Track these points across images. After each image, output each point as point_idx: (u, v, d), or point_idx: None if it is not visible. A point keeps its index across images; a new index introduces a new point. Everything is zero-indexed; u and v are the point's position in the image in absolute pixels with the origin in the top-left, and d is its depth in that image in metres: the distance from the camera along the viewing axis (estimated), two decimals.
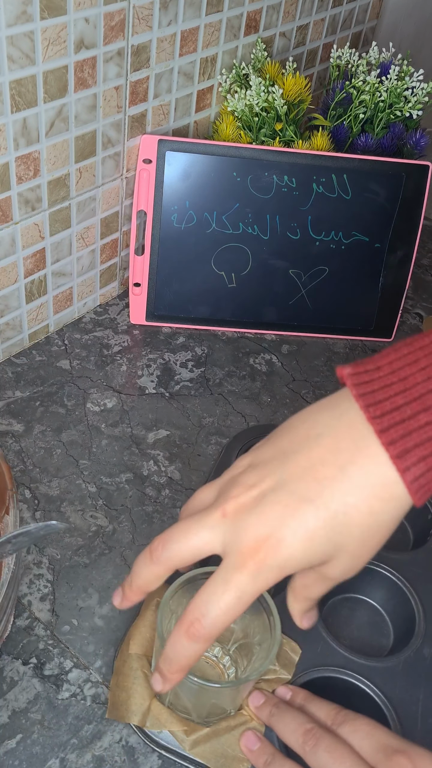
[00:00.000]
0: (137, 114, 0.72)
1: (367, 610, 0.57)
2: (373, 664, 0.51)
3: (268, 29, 0.83)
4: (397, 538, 0.61)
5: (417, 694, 0.49)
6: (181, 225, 0.76)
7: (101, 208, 0.75)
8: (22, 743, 0.48)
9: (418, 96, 0.80)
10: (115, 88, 0.68)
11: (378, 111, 0.81)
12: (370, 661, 0.51)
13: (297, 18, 0.87)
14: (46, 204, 0.68)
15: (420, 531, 0.62)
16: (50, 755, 0.47)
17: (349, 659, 0.51)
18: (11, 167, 0.62)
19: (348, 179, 0.76)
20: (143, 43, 0.68)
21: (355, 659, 0.51)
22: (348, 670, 0.50)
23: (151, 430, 0.69)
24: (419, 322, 0.87)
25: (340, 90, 0.80)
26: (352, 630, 0.56)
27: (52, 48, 0.59)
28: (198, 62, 0.76)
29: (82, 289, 0.79)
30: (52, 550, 0.59)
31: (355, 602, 0.58)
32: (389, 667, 0.51)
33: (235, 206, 0.76)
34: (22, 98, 0.60)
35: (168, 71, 0.73)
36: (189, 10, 0.71)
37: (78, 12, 0.60)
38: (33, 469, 0.64)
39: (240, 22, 0.78)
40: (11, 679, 0.51)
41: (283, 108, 0.76)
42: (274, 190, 0.76)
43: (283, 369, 0.79)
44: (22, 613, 0.54)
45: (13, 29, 0.56)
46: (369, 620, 0.57)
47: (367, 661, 0.51)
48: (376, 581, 0.57)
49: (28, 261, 0.70)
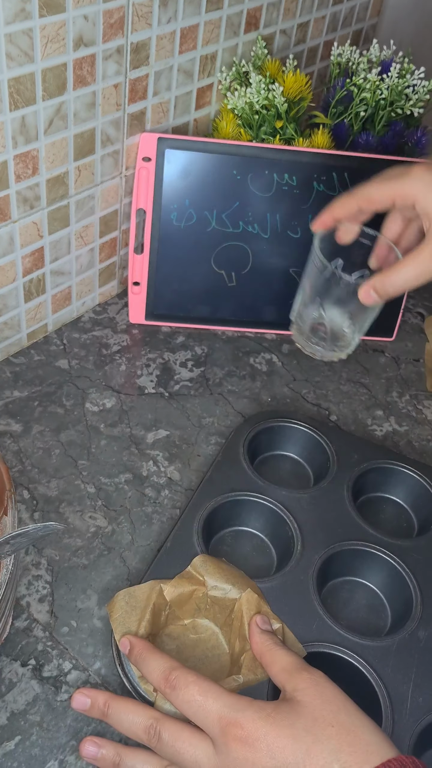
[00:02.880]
0: (136, 112, 0.72)
1: (366, 594, 0.58)
2: (368, 642, 0.52)
3: (269, 26, 0.83)
4: (401, 525, 0.63)
5: (409, 674, 0.50)
6: (181, 223, 0.76)
7: (100, 206, 0.75)
8: (21, 745, 0.47)
9: (420, 94, 0.79)
10: (114, 85, 0.67)
11: (379, 109, 0.80)
12: (365, 639, 0.52)
13: (297, 15, 0.86)
14: (44, 202, 0.68)
15: (424, 519, 0.63)
16: (49, 757, 0.47)
17: (344, 637, 0.52)
18: (10, 165, 0.62)
19: (349, 177, 0.76)
20: (143, 40, 0.68)
21: (349, 637, 0.52)
22: (342, 647, 0.51)
23: (150, 430, 0.69)
24: (420, 321, 0.87)
25: (341, 88, 0.80)
26: (350, 612, 0.57)
27: (50, 45, 0.59)
28: (198, 60, 0.75)
29: (81, 288, 0.79)
30: (51, 551, 0.58)
31: (355, 585, 0.59)
32: (383, 647, 0.52)
33: (235, 205, 0.76)
34: (21, 96, 0.59)
35: (167, 69, 0.72)
36: (189, 7, 0.70)
37: (77, 9, 0.60)
38: (31, 470, 0.64)
39: (240, 19, 0.78)
40: (10, 680, 0.50)
41: (284, 106, 0.75)
42: (274, 189, 0.76)
43: (284, 369, 0.78)
44: (21, 614, 0.54)
45: (12, 27, 0.56)
46: (367, 603, 0.58)
47: (362, 639, 0.52)
48: (377, 566, 0.58)
49: (26, 260, 0.69)
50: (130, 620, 0.50)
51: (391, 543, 0.58)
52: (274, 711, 0.41)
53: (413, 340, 0.84)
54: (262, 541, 0.61)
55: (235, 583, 0.53)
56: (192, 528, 0.57)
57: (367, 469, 0.64)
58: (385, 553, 0.57)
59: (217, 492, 0.60)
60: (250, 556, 0.59)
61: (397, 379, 0.79)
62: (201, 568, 0.53)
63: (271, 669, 0.46)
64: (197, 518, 0.58)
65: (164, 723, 0.43)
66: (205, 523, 0.58)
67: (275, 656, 0.46)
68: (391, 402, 0.76)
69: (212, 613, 0.53)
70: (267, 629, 0.49)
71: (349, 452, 0.65)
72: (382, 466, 0.65)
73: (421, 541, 0.60)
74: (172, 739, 0.42)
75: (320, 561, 0.56)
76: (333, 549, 0.57)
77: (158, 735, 0.42)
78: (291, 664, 0.45)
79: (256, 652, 0.48)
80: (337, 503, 0.61)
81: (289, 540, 0.58)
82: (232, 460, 0.63)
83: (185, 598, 0.53)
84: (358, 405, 0.75)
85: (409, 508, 0.65)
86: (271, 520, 0.60)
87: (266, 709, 0.41)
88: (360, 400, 0.76)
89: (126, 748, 0.45)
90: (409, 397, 0.77)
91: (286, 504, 0.60)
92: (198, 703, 0.42)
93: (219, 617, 0.52)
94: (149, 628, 0.50)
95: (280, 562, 0.58)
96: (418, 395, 0.77)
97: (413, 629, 0.53)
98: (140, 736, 0.43)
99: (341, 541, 0.58)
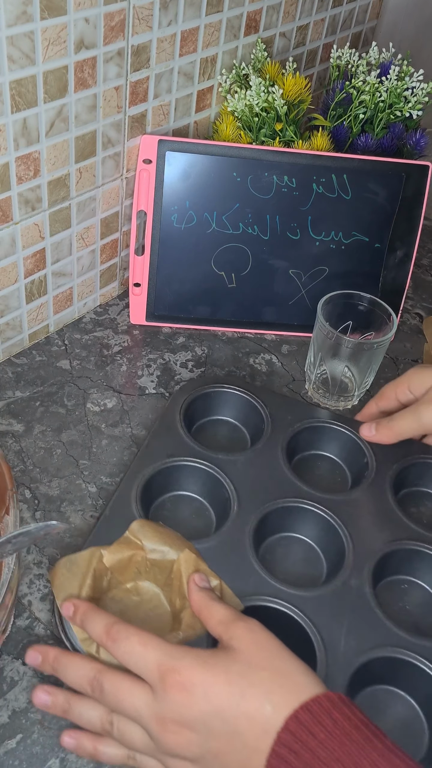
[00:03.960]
0: (137, 114, 0.72)
1: (302, 548, 0.60)
2: (302, 593, 0.54)
3: (268, 29, 0.83)
4: (336, 480, 0.66)
5: (342, 620, 0.52)
6: (181, 225, 0.76)
7: (101, 208, 0.75)
8: (22, 743, 0.48)
9: (418, 96, 0.80)
10: (115, 88, 0.68)
11: (378, 111, 0.81)
12: (299, 590, 0.54)
13: (297, 18, 0.87)
14: (46, 204, 0.68)
15: (357, 473, 0.66)
16: (50, 755, 0.47)
17: (279, 589, 0.54)
18: (11, 167, 0.62)
19: (348, 179, 0.76)
20: (143, 43, 0.68)
21: (284, 589, 0.54)
22: (278, 599, 0.53)
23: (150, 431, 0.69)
24: (419, 322, 0.88)
25: (340, 90, 0.80)
26: (287, 566, 0.59)
27: (52, 48, 0.59)
28: (198, 62, 0.76)
29: (82, 290, 0.79)
30: (53, 550, 0.59)
31: (291, 541, 0.61)
32: (317, 596, 0.54)
33: (235, 206, 0.76)
34: (22, 98, 0.60)
35: (168, 71, 0.73)
36: (189, 11, 0.71)
37: (78, 12, 0.60)
38: (33, 469, 0.64)
39: (240, 22, 0.78)
40: (11, 679, 0.51)
41: (283, 108, 0.76)
42: (274, 190, 0.76)
43: (283, 369, 0.79)
44: (23, 612, 0.54)
45: (13, 29, 0.56)
46: (304, 557, 0.60)
47: (296, 590, 0.54)
48: (311, 521, 0.60)
49: (28, 261, 0.70)
50: (72, 585, 0.51)
51: (323, 498, 0.60)
52: (211, 658, 0.44)
53: (412, 340, 0.85)
54: (201, 504, 0.63)
55: (172, 545, 0.54)
56: (130, 495, 0.58)
57: (300, 428, 0.66)
58: (318, 508, 0.59)
59: (155, 459, 0.61)
60: (189, 519, 0.61)
61: None
62: (139, 533, 0.55)
63: (209, 623, 0.48)
64: (135, 486, 0.59)
65: (105, 674, 0.45)
66: (144, 490, 0.59)
67: (212, 610, 0.48)
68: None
69: (152, 575, 0.54)
70: (205, 586, 0.51)
71: (283, 413, 0.67)
72: (315, 425, 0.67)
73: (353, 494, 0.62)
74: (113, 689, 0.44)
75: (256, 520, 0.58)
76: (268, 507, 0.59)
77: (101, 686, 0.44)
78: (227, 616, 0.47)
79: (194, 608, 0.50)
80: (272, 463, 0.63)
81: (226, 501, 0.60)
82: (168, 427, 0.64)
83: (125, 563, 0.54)
84: (359, 405, 0.75)
85: (343, 463, 0.68)
86: (208, 484, 0.62)
87: (203, 656, 0.44)
88: (360, 401, 0.76)
89: (75, 696, 0.46)
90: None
91: (222, 467, 0.62)
92: (138, 653, 0.44)
93: (159, 578, 0.54)
94: (90, 593, 0.51)
95: (218, 523, 0.60)
96: None
97: (346, 578, 0.55)
98: (85, 688, 0.45)
99: (276, 499, 0.60)
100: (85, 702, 0.46)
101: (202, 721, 0.42)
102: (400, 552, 0.58)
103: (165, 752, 0.43)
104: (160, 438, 0.63)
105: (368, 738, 0.40)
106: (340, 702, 0.41)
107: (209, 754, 0.42)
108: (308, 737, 0.40)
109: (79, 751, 0.46)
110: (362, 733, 0.40)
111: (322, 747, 0.39)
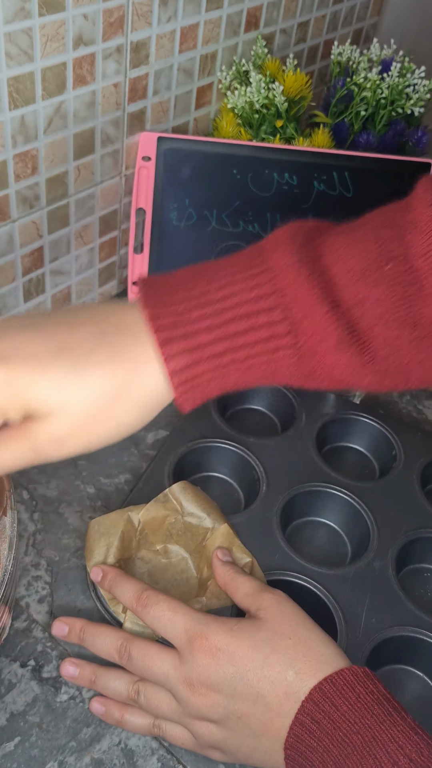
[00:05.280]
0: (136, 111, 0.72)
1: (328, 532, 0.63)
2: (326, 571, 0.56)
3: (269, 26, 0.83)
4: (363, 472, 0.68)
5: (363, 599, 0.55)
6: (181, 223, 0.76)
7: (100, 206, 0.74)
8: (21, 746, 0.47)
9: (420, 93, 0.79)
10: (114, 85, 0.67)
11: (379, 108, 0.80)
12: (323, 568, 0.56)
13: (297, 14, 0.86)
14: (44, 202, 0.68)
15: (384, 466, 0.68)
16: (48, 758, 0.47)
17: (303, 566, 0.56)
18: (9, 165, 0.62)
19: (349, 177, 0.76)
20: (142, 39, 0.67)
21: (309, 566, 0.56)
22: (302, 575, 0.55)
23: (150, 431, 0.69)
24: None
25: (341, 87, 0.80)
26: (312, 548, 0.61)
27: (50, 45, 0.59)
28: (198, 59, 0.75)
29: (81, 288, 0.79)
30: (51, 551, 0.58)
31: (317, 525, 0.63)
32: (341, 575, 0.56)
33: (236, 204, 0.76)
34: (20, 95, 0.59)
35: (167, 68, 0.72)
36: (188, 7, 0.70)
37: (76, 8, 0.59)
38: (31, 470, 0.64)
39: (240, 18, 0.77)
40: (9, 681, 0.50)
41: (284, 105, 0.75)
42: (274, 188, 0.75)
43: None
44: (20, 615, 0.54)
45: (11, 26, 0.55)
46: (329, 540, 0.62)
47: (321, 568, 0.56)
48: (338, 505, 0.62)
49: (26, 259, 0.69)
50: (99, 547, 0.53)
51: (350, 484, 0.62)
52: (237, 625, 0.46)
53: None
54: (230, 485, 0.64)
55: (210, 513, 0.56)
56: (164, 471, 0.60)
57: (331, 419, 0.68)
58: (344, 494, 0.61)
59: (187, 439, 0.63)
60: (218, 499, 0.62)
61: None
62: (180, 494, 0.56)
63: (236, 596, 0.50)
64: (168, 462, 0.61)
65: (133, 642, 0.47)
66: (176, 468, 0.61)
67: (238, 584, 0.50)
68: (391, 402, 0.76)
69: (184, 540, 0.55)
70: (228, 560, 0.53)
71: (315, 404, 0.69)
72: (345, 417, 0.69)
73: (380, 483, 0.64)
74: (141, 655, 0.46)
75: (284, 501, 0.60)
76: (296, 490, 0.61)
77: (128, 653, 0.47)
78: (254, 588, 0.49)
79: (220, 582, 0.52)
80: (302, 450, 0.65)
81: (255, 483, 0.62)
82: (201, 412, 0.66)
83: (158, 523, 0.55)
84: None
85: (371, 456, 0.69)
86: (238, 466, 0.64)
87: (229, 623, 0.46)
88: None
89: (101, 668, 0.49)
90: (409, 397, 0.77)
91: (253, 449, 0.64)
92: (167, 618, 0.46)
93: (190, 543, 0.55)
94: (118, 554, 0.53)
95: (246, 503, 0.62)
96: (419, 395, 0.77)
97: (369, 560, 0.57)
98: (113, 656, 0.48)
99: (304, 482, 0.62)
100: (112, 672, 0.48)
101: (227, 683, 0.44)
102: (424, 540, 0.59)
103: (191, 714, 0.45)
104: (193, 421, 0.65)
105: (389, 713, 0.40)
106: (364, 676, 0.43)
107: (233, 716, 0.44)
108: (331, 708, 0.41)
109: (107, 718, 0.48)
110: (384, 707, 0.41)
111: (343, 719, 0.41)
